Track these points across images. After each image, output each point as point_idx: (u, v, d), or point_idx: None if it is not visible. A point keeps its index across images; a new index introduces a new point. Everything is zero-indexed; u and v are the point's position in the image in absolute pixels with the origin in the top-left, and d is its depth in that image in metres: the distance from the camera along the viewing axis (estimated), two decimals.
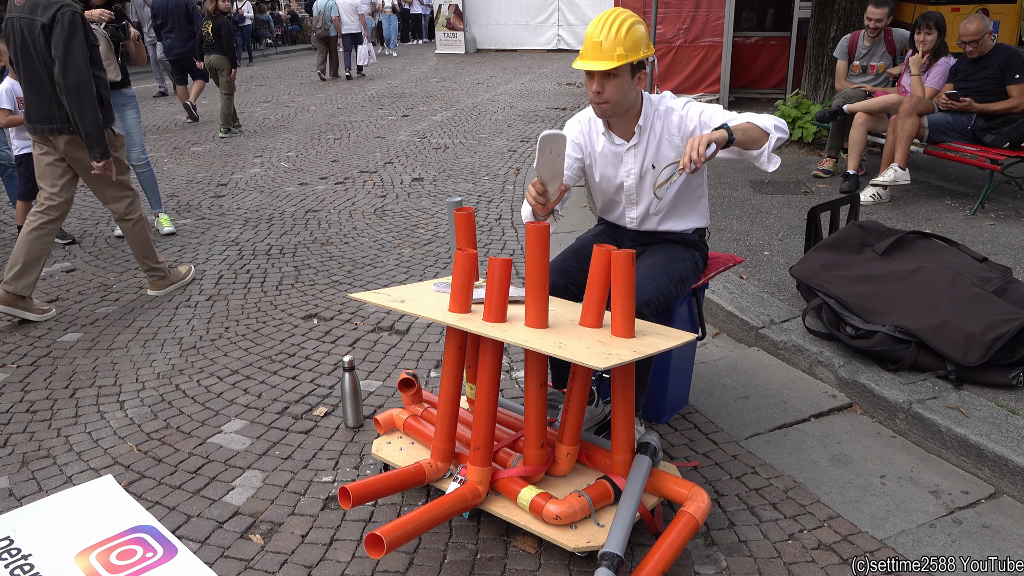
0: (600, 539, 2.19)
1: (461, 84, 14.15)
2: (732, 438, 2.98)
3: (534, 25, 20.77)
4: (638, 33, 2.52)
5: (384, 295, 2.53)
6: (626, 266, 2.19)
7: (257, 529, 2.53)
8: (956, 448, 2.75)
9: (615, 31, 2.49)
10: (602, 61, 2.51)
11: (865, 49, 6.21)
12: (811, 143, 7.10)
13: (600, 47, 2.51)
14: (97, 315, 4.26)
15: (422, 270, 4.82)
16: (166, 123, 10.35)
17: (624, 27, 2.50)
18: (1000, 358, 3.00)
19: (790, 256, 4.43)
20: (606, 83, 2.55)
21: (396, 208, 6.22)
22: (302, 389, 3.42)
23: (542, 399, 2.34)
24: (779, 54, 9.93)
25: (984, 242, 4.58)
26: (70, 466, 2.90)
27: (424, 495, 2.67)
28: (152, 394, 3.41)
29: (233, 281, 4.73)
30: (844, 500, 2.61)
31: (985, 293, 3.14)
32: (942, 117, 5.39)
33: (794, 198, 5.69)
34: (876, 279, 3.34)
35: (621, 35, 2.49)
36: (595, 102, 2.63)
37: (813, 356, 3.36)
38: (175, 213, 6.16)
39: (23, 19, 3.88)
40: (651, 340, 2.23)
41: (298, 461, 2.90)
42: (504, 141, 8.82)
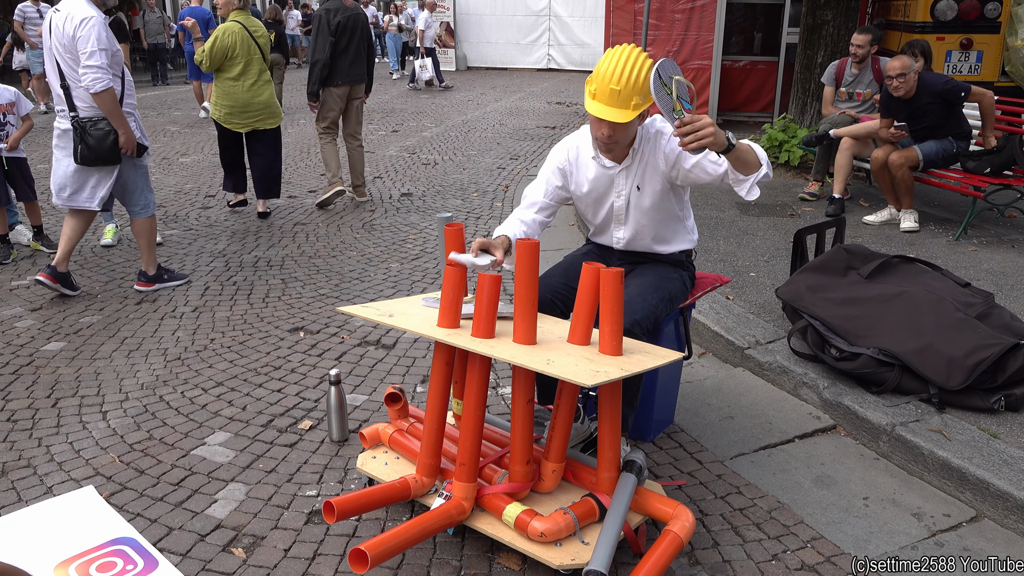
0: (585, 557, 2.19)
1: (451, 101, 14.21)
2: (717, 458, 2.99)
3: (525, 44, 20.92)
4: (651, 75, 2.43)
5: (373, 309, 2.53)
6: (615, 284, 2.20)
7: (239, 543, 2.51)
8: (938, 471, 2.77)
9: (633, 79, 2.40)
10: (619, 111, 2.45)
11: (852, 76, 6.30)
12: (797, 167, 7.18)
13: (618, 96, 2.43)
14: (81, 324, 4.23)
15: (409, 285, 4.82)
16: (154, 133, 10.33)
17: (642, 74, 2.41)
18: (982, 382, 3.03)
19: (776, 278, 4.46)
20: (617, 127, 2.51)
21: (384, 223, 6.22)
22: (287, 402, 3.41)
23: (529, 416, 2.34)
24: (767, 78, 10.05)
25: (967, 267, 4.63)
26: (51, 476, 2.87)
27: (409, 510, 2.66)
28: (135, 405, 3.39)
29: (219, 293, 4.71)
30: (827, 521, 2.62)
31: (968, 318, 3.18)
32: (928, 146, 5.48)
33: (780, 221, 5.74)
34: (861, 302, 3.37)
35: (639, 83, 2.40)
36: (603, 143, 2.60)
37: (798, 377, 3.38)
38: (162, 224, 6.13)
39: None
40: (638, 358, 2.25)
41: (282, 474, 2.88)
42: (493, 158, 8.85)
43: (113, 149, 4.30)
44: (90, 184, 4.42)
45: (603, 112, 2.47)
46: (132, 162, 4.50)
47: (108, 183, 4.44)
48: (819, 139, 6.19)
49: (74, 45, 4.14)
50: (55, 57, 4.24)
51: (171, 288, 4.74)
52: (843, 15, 7.24)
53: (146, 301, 4.56)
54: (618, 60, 2.43)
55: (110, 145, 4.28)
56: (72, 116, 4.27)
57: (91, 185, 4.43)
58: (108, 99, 4.19)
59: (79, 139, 4.25)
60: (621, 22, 10.20)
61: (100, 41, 4.14)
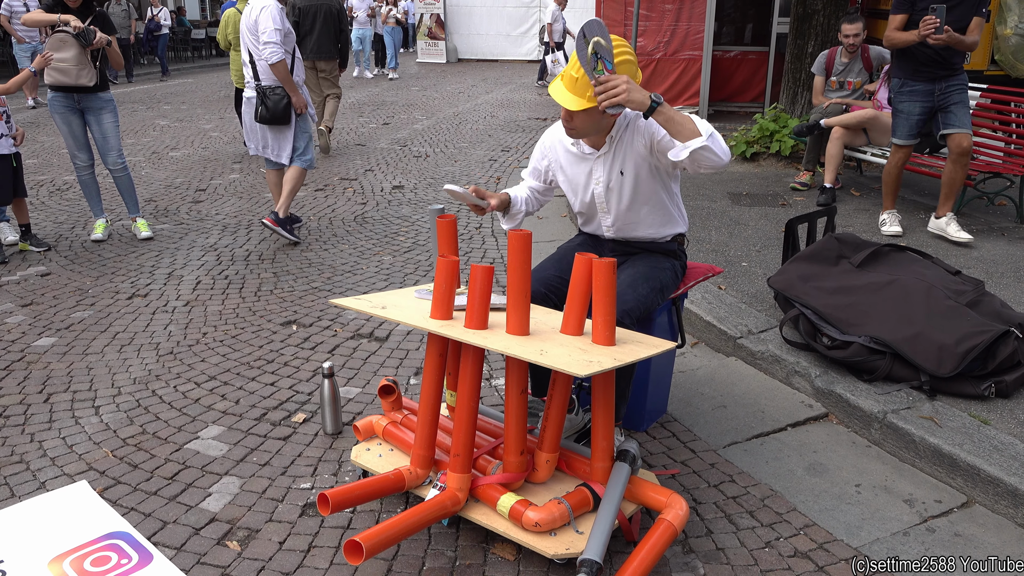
0: (579, 546, 2.20)
1: (442, 93, 14.17)
2: (710, 447, 3.01)
3: (515, 36, 20.87)
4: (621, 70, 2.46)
5: (366, 301, 2.52)
6: (607, 274, 2.21)
7: (234, 536, 2.51)
8: (930, 458, 2.79)
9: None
10: (573, 98, 2.53)
11: (842, 65, 6.31)
12: (789, 156, 7.19)
13: (575, 83, 2.51)
14: (72, 320, 4.21)
15: (402, 277, 4.82)
16: (144, 127, 10.28)
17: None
18: (973, 369, 3.05)
19: (768, 267, 4.48)
20: (574, 114, 2.58)
21: (376, 215, 6.21)
22: (281, 395, 3.41)
23: (522, 406, 2.34)
24: (758, 68, 10.06)
25: (957, 255, 4.65)
26: (44, 472, 2.86)
27: (403, 502, 2.66)
28: (128, 399, 3.38)
29: (211, 287, 4.70)
30: (820, 508, 2.63)
31: (958, 306, 3.19)
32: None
33: (772, 210, 5.76)
34: (852, 291, 3.38)
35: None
36: (565, 125, 2.68)
37: (790, 366, 3.39)
38: (153, 218, 6.11)
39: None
40: (631, 348, 2.25)
41: (276, 467, 2.88)
42: (485, 150, 8.84)
43: (286, 111, 5.19)
44: (273, 141, 5.36)
45: (558, 95, 2.57)
46: (299, 120, 5.41)
47: (287, 143, 5.35)
48: (810, 129, 6.20)
49: (256, 27, 5.08)
50: (246, 38, 5.20)
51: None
52: (833, 4, 7.25)
53: (138, 296, 4.54)
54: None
55: (283, 108, 5.17)
56: (256, 84, 5.21)
57: (274, 141, 5.37)
58: (282, 69, 5.10)
59: (260, 102, 5.19)
60: (612, 13, 10.18)
61: (275, 22, 5.04)
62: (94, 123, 5.29)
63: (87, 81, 5.08)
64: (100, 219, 5.64)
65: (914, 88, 4.81)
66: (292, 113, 5.26)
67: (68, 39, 4.97)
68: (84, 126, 5.33)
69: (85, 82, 5.07)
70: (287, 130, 5.33)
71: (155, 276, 4.87)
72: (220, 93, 13.99)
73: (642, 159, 2.71)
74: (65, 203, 6.52)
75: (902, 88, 4.88)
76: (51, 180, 7.36)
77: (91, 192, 5.52)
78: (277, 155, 5.41)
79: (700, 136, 2.41)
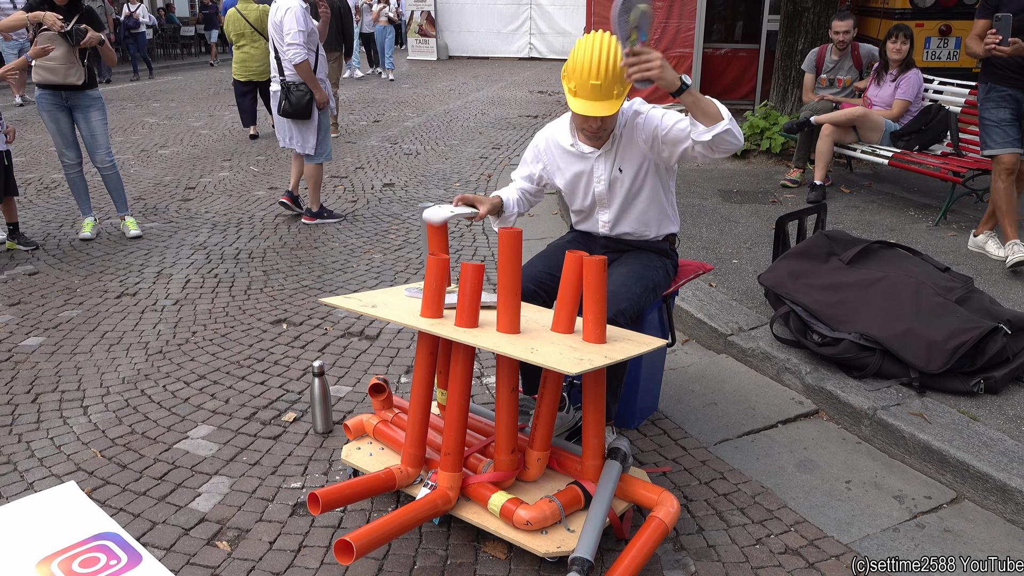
0: (570, 544, 2.19)
1: (433, 90, 14.14)
2: (701, 444, 3.01)
3: (506, 33, 20.82)
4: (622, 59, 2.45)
5: (356, 300, 2.51)
6: (598, 272, 2.20)
7: (224, 536, 2.50)
8: (919, 454, 2.80)
9: (608, 69, 2.43)
10: (604, 104, 2.49)
11: (832, 63, 6.33)
12: (779, 154, 7.20)
13: (599, 90, 2.46)
14: (60, 319, 4.19)
15: (392, 276, 4.81)
16: (132, 125, 10.22)
17: (613, 61, 2.43)
18: (962, 366, 3.06)
19: (758, 264, 4.48)
20: (606, 118, 2.56)
21: (367, 213, 6.19)
22: (271, 394, 3.39)
23: (513, 405, 2.34)
24: (748, 66, 10.06)
25: (946, 252, 4.67)
26: (31, 472, 2.84)
27: (394, 501, 2.66)
28: (117, 399, 3.36)
29: (201, 285, 4.68)
30: (810, 505, 2.64)
31: (948, 302, 3.20)
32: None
33: (762, 207, 5.77)
34: (842, 288, 3.39)
35: (618, 72, 2.42)
36: (595, 135, 2.64)
37: (780, 363, 3.40)
38: (142, 216, 6.07)
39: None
40: (622, 346, 2.25)
41: (266, 467, 2.87)
42: (476, 148, 8.82)
43: (308, 107, 5.45)
44: (297, 133, 5.63)
45: (589, 109, 2.50)
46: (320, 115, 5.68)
47: (311, 135, 5.62)
48: (800, 126, 6.21)
49: (281, 27, 5.32)
50: (272, 35, 5.46)
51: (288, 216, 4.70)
52: (824, 2, 7.25)
53: (126, 295, 4.52)
54: (592, 52, 2.45)
55: (305, 103, 5.43)
56: (281, 79, 5.47)
57: (298, 134, 5.63)
58: (304, 68, 5.34)
59: (284, 97, 5.46)
60: (602, 10, 10.16)
61: (299, 23, 5.28)
62: (82, 121, 5.26)
63: (75, 79, 5.05)
64: (88, 217, 5.60)
65: (1002, 92, 4.39)
66: (314, 108, 5.51)
67: (56, 37, 4.93)
68: (72, 124, 5.30)
69: (73, 80, 5.04)
70: (310, 123, 5.59)
71: (144, 275, 4.84)
72: (209, 90, 13.93)
73: (642, 156, 2.71)
74: (53, 201, 6.48)
75: (989, 93, 4.47)
76: (39, 178, 7.31)
77: (79, 190, 5.49)
78: (302, 147, 5.68)
79: (723, 120, 2.42)
